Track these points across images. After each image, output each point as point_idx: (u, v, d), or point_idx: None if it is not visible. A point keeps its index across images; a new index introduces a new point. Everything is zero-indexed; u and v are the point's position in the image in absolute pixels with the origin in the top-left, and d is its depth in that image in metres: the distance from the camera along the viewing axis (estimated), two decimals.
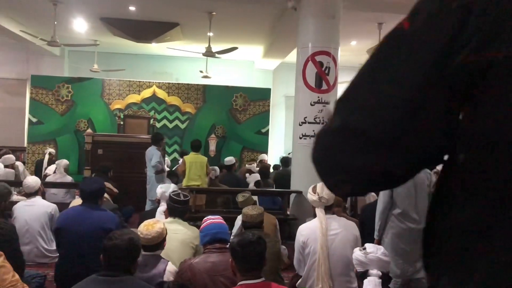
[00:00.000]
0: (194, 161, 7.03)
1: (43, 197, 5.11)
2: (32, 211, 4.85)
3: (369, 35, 9.32)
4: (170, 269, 2.83)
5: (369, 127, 0.64)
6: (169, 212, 3.60)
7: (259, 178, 7.23)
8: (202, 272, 2.72)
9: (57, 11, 8.34)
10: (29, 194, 5.02)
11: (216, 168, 7.24)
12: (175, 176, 7.47)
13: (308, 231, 3.40)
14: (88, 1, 8.31)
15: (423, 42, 0.62)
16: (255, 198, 6.82)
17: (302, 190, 6.15)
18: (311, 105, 6.24)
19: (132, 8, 8.43)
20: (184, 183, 6.97)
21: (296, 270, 3.57)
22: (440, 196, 0.69)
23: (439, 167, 0.71)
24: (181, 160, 8.65)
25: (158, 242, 2.91)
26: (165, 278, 2.79)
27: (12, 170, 7.79)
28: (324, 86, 6.26)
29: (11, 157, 8.08)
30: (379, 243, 3.77)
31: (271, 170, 9.55)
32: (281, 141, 12.94)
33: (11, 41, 11.01)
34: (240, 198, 4.77)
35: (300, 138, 6.38)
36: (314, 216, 3.48)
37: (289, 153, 9.31)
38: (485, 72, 0.58)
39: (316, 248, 3.29)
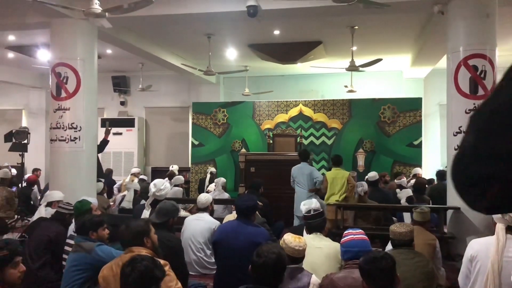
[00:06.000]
0: (335, 176, 7.02)
1: (211, 214, 5.43)
2: (199, 225, 5.21)
3: None
4: (314, 282, 2.88)
5: None
6: (306, 229, 3.71)
7: (411, 194, 6.82)
8: (343, 287, 2.71)
9: (211, 43, 8.96)
10: (199, 209, 5.42)
11: (364, 183, 7.04)
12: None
13: (479, 246, 3.07)
14: (237, 31, 8.74)
15: None
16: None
17: (459, 206, 5.72)
18: (466, 113, 5.70)
19: (276, 32, 8.72)
20: (325, 198, 6.95)
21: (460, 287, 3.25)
22: None
23: None
24: None
25: (304, 254, 2.99)
26: None
27: (181, 189, 8.62)
28: (481, 92, 5.70)
29: (180, 177, 8.94)
30: None
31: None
32: (437, 153, 11.89)
33: (175, 74, 12.11)
34: (416, 213, 4.42)
35: (455, 149, 5.87)
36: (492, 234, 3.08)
37: (446, 166, 8.60)
38: None
39: (486, 265, 2.96)
